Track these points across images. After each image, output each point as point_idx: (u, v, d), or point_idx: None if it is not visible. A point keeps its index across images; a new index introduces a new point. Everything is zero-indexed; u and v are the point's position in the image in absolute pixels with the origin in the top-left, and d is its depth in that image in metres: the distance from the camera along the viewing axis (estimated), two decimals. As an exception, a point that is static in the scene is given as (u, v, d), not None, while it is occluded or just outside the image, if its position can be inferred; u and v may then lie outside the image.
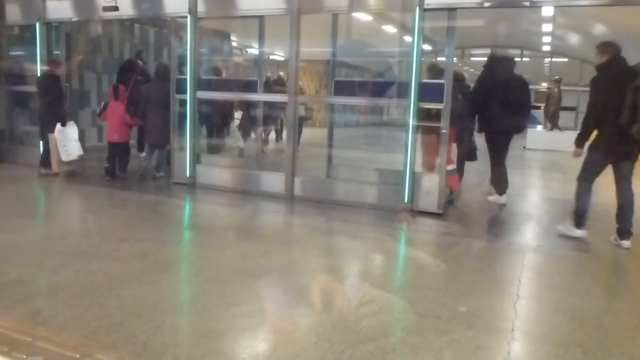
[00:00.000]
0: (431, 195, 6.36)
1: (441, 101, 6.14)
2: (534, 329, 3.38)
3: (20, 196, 6.97)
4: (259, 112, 8.12)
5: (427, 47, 13.73)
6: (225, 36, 13.57)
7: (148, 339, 2.92)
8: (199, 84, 7.46)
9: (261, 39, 7.59)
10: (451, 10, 6.12)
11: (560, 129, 15.44)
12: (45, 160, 8.10)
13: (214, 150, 8.98)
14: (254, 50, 16.03)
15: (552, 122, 15.51)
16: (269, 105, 9.06)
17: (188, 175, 7.54)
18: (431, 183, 6.36)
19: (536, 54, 23.95)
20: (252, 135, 9.59)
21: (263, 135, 12.18)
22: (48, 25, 8.60)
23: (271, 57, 17.89)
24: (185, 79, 7.41)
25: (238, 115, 10.47)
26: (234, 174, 7.48)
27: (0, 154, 9.24)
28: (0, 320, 3.07)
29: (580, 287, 4.19)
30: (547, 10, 14.76)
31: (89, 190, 7.38)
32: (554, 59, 23.34)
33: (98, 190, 7.34)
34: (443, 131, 6.22)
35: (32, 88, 8.55)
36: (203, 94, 7.53)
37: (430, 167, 6.61)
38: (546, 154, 14.16)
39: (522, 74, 7.19)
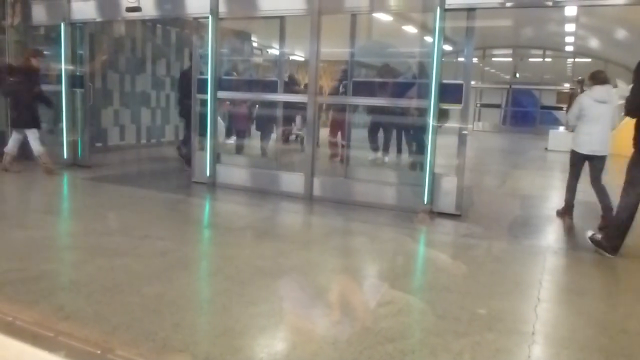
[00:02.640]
0: (450, 196, 6.32)
1: (460, 102, 6.12)
2: (555, 333, 3.33)
3: (43, 193, 7.10)
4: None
5: (447, 47, 13.64)
6: (246, 36, 13.63)
7: (168, 336, 2.94)
8: (220, 84, 7.51)
9: (282, 39, 7.61)
10: (472, 11, 6.08)
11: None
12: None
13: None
14: (273, 51, 16.10)
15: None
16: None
17: (208, 175, 7.60)
18: (450, 184, 6.32)
19: (559, 54, 23.67)
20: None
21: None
22: (73, 25, 8.74)
23: (291, 57, 17.91)
24: (206, 79, 7.46)
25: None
26: (253, 174, 7.52)
27: (26, 152, 9.37)
28: (23, 314, 3.12)
29: (603, 290, 4.13)
30: (570, 10, 14.59)
31: (110, 188, 7.48)
32: (576, 60, 23.03)
33: (119, 188, 7.43)
34: (464, 132, 6.21)
35: (57, 87, 8.77)
36: (224, 94, 7.58)
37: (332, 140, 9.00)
38: (568, 156, 13.95)
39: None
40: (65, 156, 8.88)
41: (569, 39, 20.74)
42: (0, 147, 8.25)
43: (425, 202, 6.34)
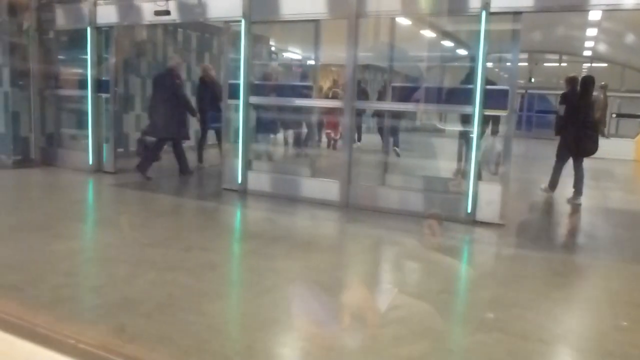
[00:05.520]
0: (492, 205, 6.12)
1: (506, 108, 5.94)
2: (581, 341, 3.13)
3: (73, 201, 6.93)
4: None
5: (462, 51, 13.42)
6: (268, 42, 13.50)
7: (243, 361, 2.76)
8: (252, 89, 7.33)
9: (317, 44, 7.41)
10: (517, 14, 5.91)
11: (606, 136, 14.99)
12: None
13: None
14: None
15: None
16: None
17: (240, 182, 7.40)
18: (493, 193, 6.12)
19: (575, 59, 23.44)
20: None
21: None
22: (98, 29, 8.57)
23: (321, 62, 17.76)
24: (238, 84, 7.28)
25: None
26: (286, 181, 7.31)
27: (49, 158, 9.24)
28: (86, 337, 2.93)
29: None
30: (594, 15, 14.39)
31: (140, 195, 7.30)
32: (593, 64, 22.78)
33: (149, 195, 7.26)
34: (509, 139, 6.03)
35: (80, 92, 8.64)
36: (256, 99, 7.40)
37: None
38: (592, 162, 13.71)
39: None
40: (90, 162, 8.70)
41: (589, 44, 20.53)
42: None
43: (469, 211, 6.14)
